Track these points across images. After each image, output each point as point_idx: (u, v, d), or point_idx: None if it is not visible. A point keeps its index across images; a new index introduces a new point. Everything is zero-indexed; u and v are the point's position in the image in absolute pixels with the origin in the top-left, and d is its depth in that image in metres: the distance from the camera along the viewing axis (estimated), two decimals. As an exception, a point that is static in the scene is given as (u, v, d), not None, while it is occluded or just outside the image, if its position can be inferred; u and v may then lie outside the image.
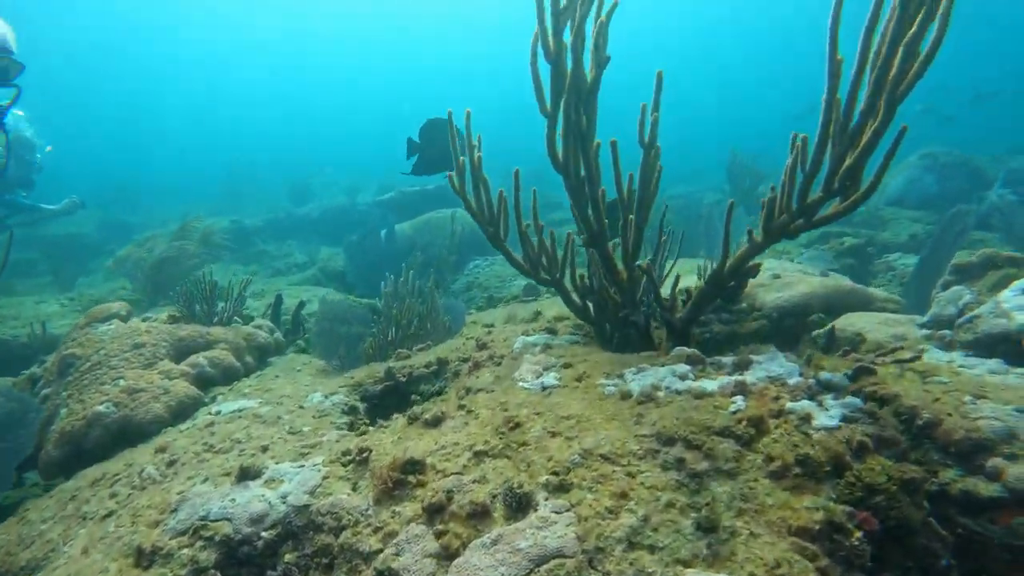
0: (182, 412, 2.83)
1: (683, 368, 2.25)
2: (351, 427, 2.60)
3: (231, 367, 3.21)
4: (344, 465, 2.05)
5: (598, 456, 1.78)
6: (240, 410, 2.68)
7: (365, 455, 2.03)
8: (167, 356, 3.12)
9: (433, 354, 3.15)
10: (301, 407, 2.69)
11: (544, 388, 2.30)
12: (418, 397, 2.93)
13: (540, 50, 2.57)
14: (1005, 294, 2.85)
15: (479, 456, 1.87)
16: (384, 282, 3.66)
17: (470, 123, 2.85)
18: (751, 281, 4.01)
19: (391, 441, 2.12)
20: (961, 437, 1.98)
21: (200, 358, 3.12)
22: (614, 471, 1.71)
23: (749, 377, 2.16)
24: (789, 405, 1.97)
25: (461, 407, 2.23)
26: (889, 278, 5.54)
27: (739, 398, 2.02)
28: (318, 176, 16.50)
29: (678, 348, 2.45)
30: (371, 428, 2.43)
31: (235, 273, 8.35)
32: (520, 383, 2.36)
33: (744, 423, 1.85)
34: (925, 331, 3.16)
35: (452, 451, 1.93)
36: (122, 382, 2.88)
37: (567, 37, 2.59)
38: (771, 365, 2.23)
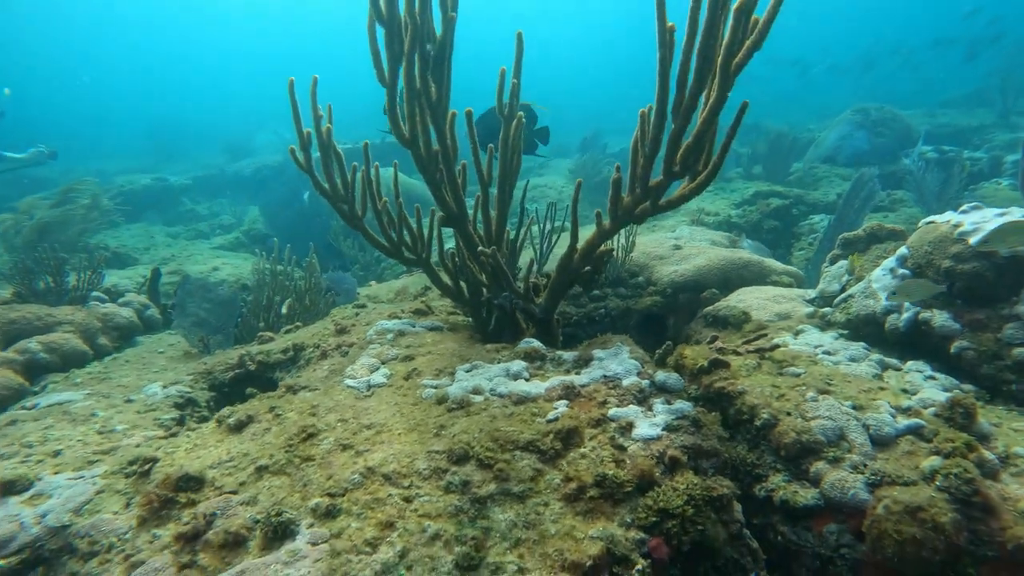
0: None
1: (518, 366, 2.08)
2: (179, 423, 2.40)
3: (74, 351, 2.96)
4: (127, 476, 1.85)
5: (381, 475, 1.61)
6: (58, 403, 2.45)
7: (148, 466, 1.83)
8: (-4, 341, 2.85)
9: (293, 338, 2.94)
10: (128, 400, 2.46)
11: (369, 387, 2.12)
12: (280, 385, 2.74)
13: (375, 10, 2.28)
14: (875, 273, 2.73)
15: (260, 471, 1.69)
16: (256, 256, 3.40)
17: (316, 90, 2.55)
18: (650, 251, 3.87)
19: (186, 448, 1.93)
20: (791, 440, 1.86)
21: (32, 343, 2.86)
22: (391, 495, 1.55)
23: (582, 378, 2.01)
24: (612, 412, 1.82)
25: (271, 409, 2.03)
26: (810, 241, 5.45)
27: (562, 403, 1.86)
28: (261, 132, 15.62)
29: (524, 341, 2.28)
30: (191, 424, 2.23)
31: (153, 235, 7.94)
32: (347, 381, 2.17)
33: (552, 436, 1.70)
34: (811, 308, 3.06)
35: (238, 464, 1.74)
36: (-64, 372, 2.62)
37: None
38: (611, 362, 2.07)
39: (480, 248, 2.34)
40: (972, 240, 2.43)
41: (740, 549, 1.73)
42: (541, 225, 2.42)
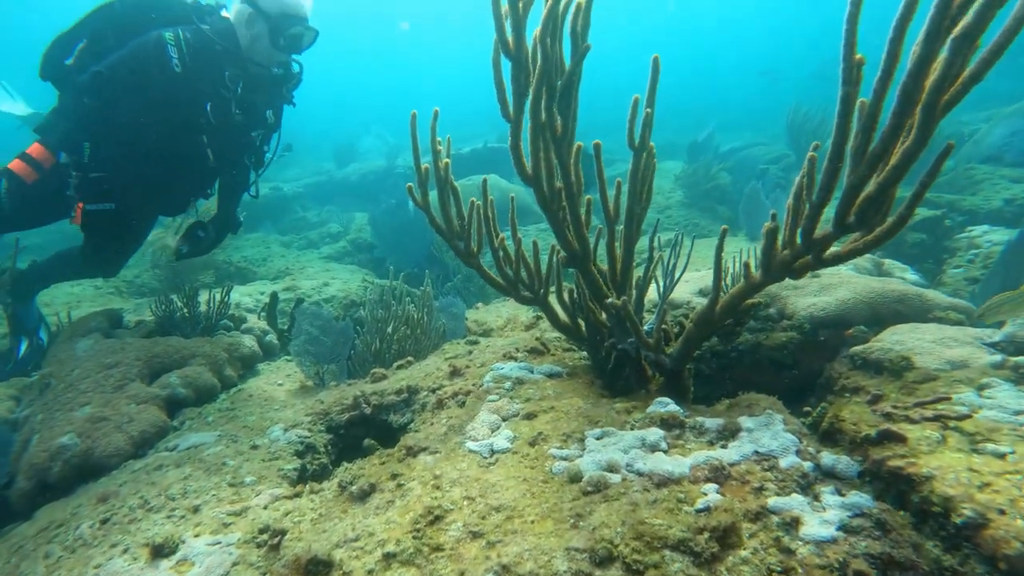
0: (146, 442, 2.72)
1: (654, 435, 1.87)
2: (301, 474, 2.40)
3: (206, 385, 3.08)
4: (259, 547, 1.84)
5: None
6: (194, 447, 2.53)
7: (277, 539, 1.80)
8: (139, 376, 3.01)
9: (406, 377, 2.89)
10: (254, 446, 2.50)
11: (492, 452, 1.99)
12: (394, 429, 2.70)
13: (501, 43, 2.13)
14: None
15: (388, 559, 1.60)
16: (366, 286, 3.40)
17: (436, 125, 2.45)
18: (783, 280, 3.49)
19: (311, 519, 1.89)
20: (1016, 552, 1.53)
21: (172, 377, 3.00)
22: (531, 602, 1.40)
23: (731, 453, 1.77)
24: (772, 503, 1.58)
25: (393, 476, 1.96)
26: (970, 258, 4.72)
27: (711, 488, 1.64)
28: (366, 136, 16.13)
29: (658, 401, 2.06)
30: (313, 485, 2.21)
31: (269, 245, 8.37)
32: (468, 443, 2.05)
33: (707, 533, 1.48)
34: (995, 355, 2.59)
35: (365, 546, 1.67)
36: (88, 409, 2.79)
37: (536, 23, 2.13)
38: (762, 435, 1.81)
39: (610, 300, 2.14)
40: None
41: None
42: (667, 259, 2.19)
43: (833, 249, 1.77)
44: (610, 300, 2.13)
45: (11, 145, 4.53)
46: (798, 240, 1.77)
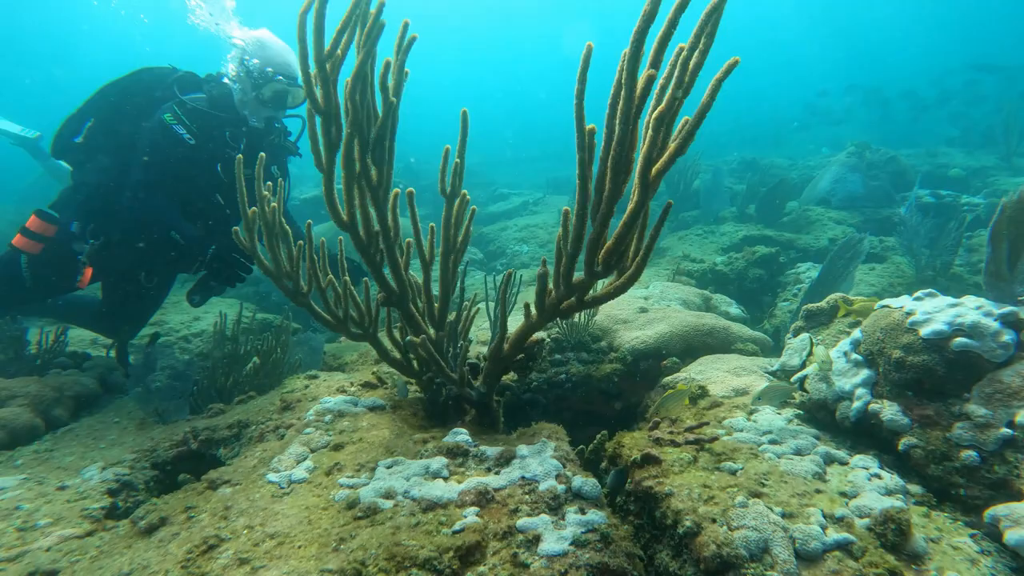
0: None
1: (438, 464, 2.03)
2: (110, 513, 2.36)
3: (25, 427, 2.95)
4: (28, 588, 1.82)
5: (270, 600, 1.56)
6: (-8, 491, 2.44)
7: (49, 579, 1.80)
8: (-50, 417, 2.86)
9: (242, 412, 2.92)
10: (62, 487, 2.44)
11: (290, 483, 2.07)
12: (223, 463, 2.71)
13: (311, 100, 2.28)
14: (832, 353, 2.65)
15: (152, 591, 1.65)
16: (217, 320, 3.41)
17: (260, 171, 2.55)
18: (614, 315, 3.81)
19: (91, 557, 1.89)
20: (711, 554, 1.77)
21: (-18, 420, 2.87)
22: (275, 624, 1.50)
23: (500, 479, 1.95)
24: (520, 523, 1.76)
25: (187, 509, 2.00)
26: (794, 292, 5.34)
27: (472, 511, 1.80)
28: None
29: (452, 432, 2.23)
30: (109, 523, 2.20)
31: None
32: (269, 475, 2.13)
33: (451, 552, 1.64)
34: (771, 382, 2.96)
35: (135, 580, 1.71)
36: None
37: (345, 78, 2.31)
38: (532, 461, 2.01)
39: (409, 338, 2.31)
40: (923, 331, 2.35)
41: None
42: (499, 296, 2.37)
43: (593, 292, 2.01)
44: (409, 338, 2.29)
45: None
46: (562, 286, 2.00)
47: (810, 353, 2.86)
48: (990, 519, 1.88)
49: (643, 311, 3.68)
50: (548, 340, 3.44)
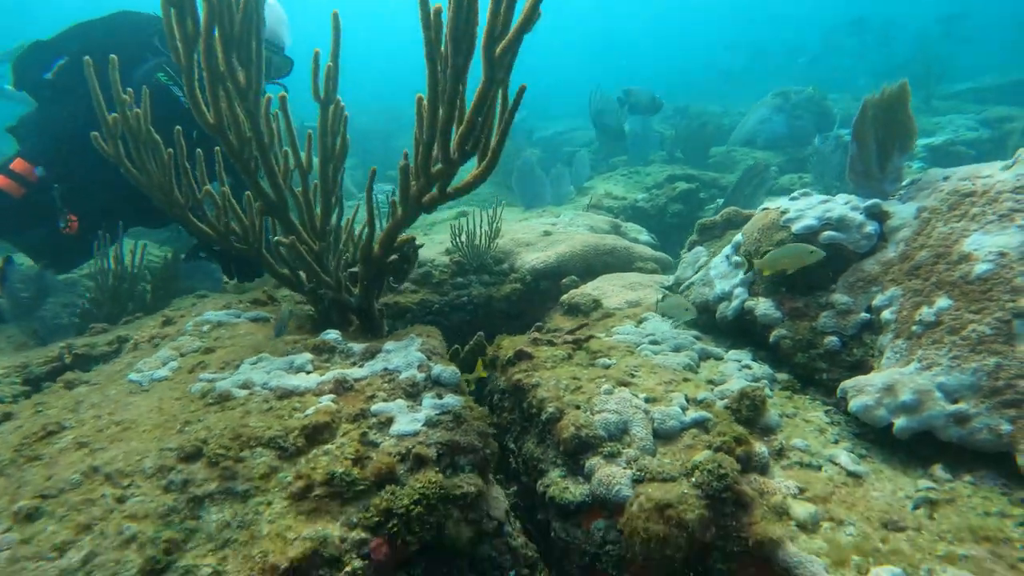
0: None
1: (303, 359, 2.00)
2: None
3: None
4: None
5: (103, 475, 1.52)
6: None
7: None
8: None
9: (125, 329, 2.81)
10: (-84, 397, 2.32)
11: (151, 381, 2.02)
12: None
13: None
14: (714, 260, 2.72)
15: (-17, 473, 1.59)
16: (96, 247, 3.27)
17: (117, 73, 2.39)
18: (519, 238, 3.82)
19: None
20: (569, 435, 1.83)
21: None
22: (104, 495, 1.46)
23: (363, 371, 1.94)
24: (375, 407, 1.76)
25: (36, 405, 1.92)
26: (712, 225, 5.47)
27: (328, 398, 1.79)
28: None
29: (324, 332, 2.20)
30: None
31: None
32: (131, 375, 2.07)
33: (297, 432, 1.63)
34: (663, 295, 3.04)
35: (-32, 465, 1.64)
36: None
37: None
38: (396, 356, 2.01)
39: (277, 238, 2.24)
40: (795, 227, 2.43)
41: (499, 547, 1.70)
42: (366, 194, 2.31)
43: (455, 184, 1.99)
44: (277, 238, 2.23)
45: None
46: (422, 177, 1.97)
47: (703, 265, 2.94)
48: (841, 393, 2.00)
49: (547, 234, 3.69)
50: (449, 262, 3.42)
